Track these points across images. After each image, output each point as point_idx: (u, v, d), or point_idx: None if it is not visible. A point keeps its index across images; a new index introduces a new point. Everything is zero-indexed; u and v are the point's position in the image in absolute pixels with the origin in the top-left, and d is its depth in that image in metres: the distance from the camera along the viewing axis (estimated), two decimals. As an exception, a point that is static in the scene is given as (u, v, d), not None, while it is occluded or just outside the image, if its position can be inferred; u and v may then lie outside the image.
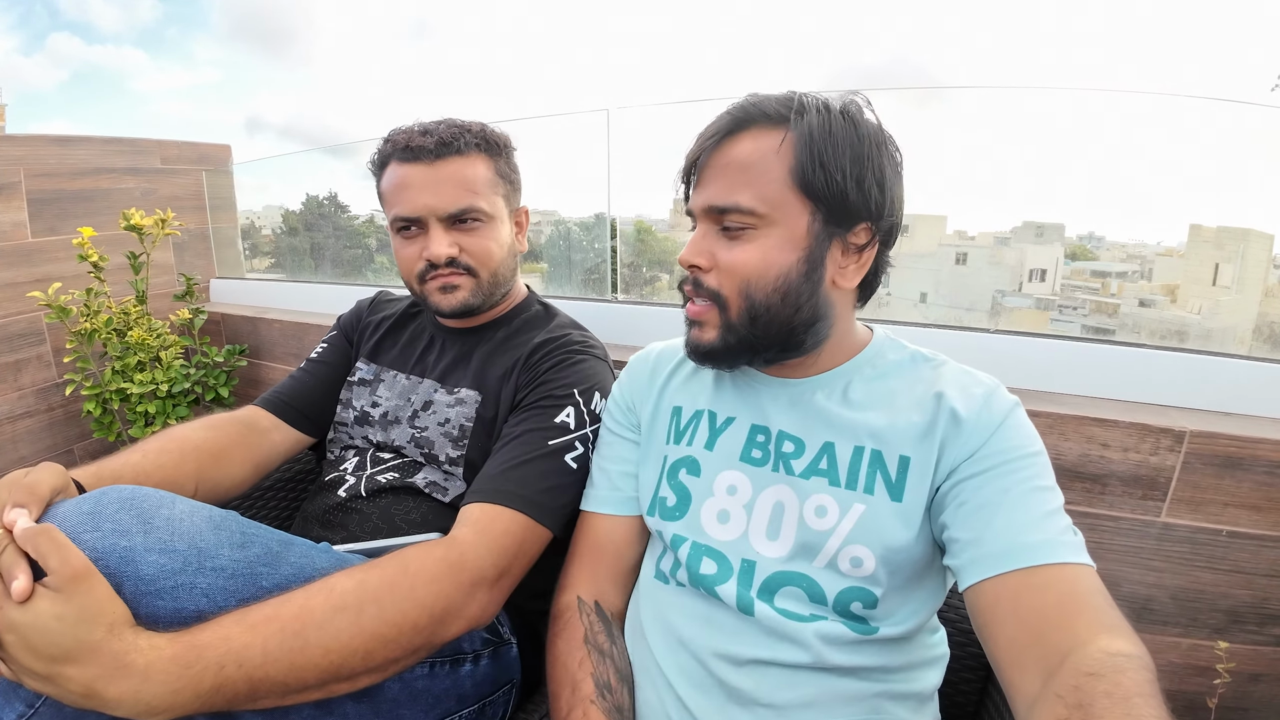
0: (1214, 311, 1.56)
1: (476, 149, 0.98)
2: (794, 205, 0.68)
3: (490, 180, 0.99)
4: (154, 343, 1.86)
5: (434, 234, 0.95)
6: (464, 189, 0.96)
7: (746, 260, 0.69)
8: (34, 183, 1.91)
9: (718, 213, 0.70)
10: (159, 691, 0.54)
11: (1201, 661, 1.15)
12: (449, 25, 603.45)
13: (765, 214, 0.68)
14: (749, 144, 0.68)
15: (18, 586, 0.52)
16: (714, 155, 0.70)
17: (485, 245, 0.98)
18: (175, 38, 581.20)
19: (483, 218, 0.97)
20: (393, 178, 0.97)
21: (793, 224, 0.68)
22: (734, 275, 0.70)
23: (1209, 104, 1.29)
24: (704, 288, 0.72)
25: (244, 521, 0.68)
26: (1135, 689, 0.48)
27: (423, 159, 0.95)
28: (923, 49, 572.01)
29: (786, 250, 0.68)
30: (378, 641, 0.65)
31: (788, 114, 0.67)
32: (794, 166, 0.67)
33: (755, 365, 0.77)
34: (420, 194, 0.95)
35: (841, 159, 0.66)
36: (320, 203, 2.56)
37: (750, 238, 0.69)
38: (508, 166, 1.03)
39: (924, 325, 1.38)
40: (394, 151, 0.97)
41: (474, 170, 0.97)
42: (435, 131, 0.96)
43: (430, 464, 0.98)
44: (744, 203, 0.68)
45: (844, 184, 0.66)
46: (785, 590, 0.70)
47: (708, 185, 0.70)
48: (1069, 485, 1.14)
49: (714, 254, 0.71)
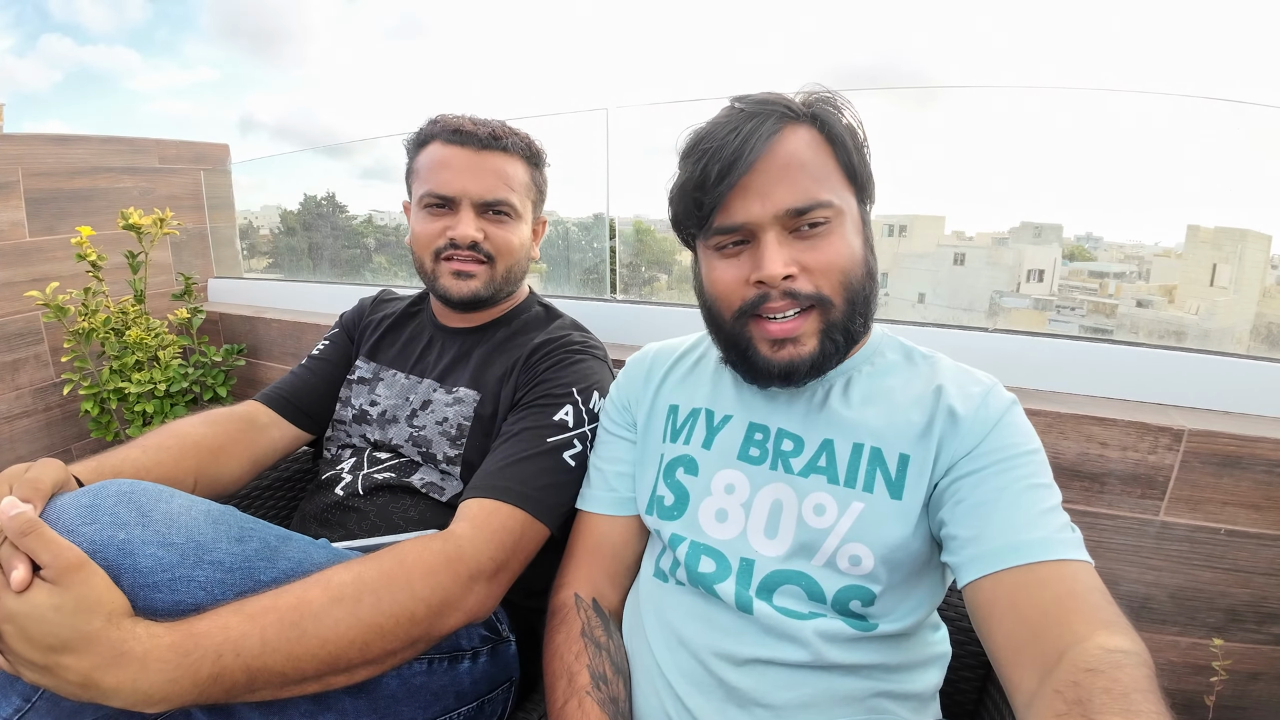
0: (1211, 312, 1.56)
1: (520, 152, 1.02)
2: (848, 192, 0.70)
3: (525, 184, 1.03)
4: (152, 342, 1.86)
5: (464, 216, 0.98)
6: (502, 181, 0.99)
7: (839, 253, 0.68)
8: (32, 182, 1.90)
9: (795, 215, 0.67)
10: (156, 680, 0.54)
11: (1200, 660, 1.15)
12: (444, 24, 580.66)
13: (839, 206, 0.68)
14: (794, 141, 0.68)
15: (16, 577, 0.52)
16: (765, 159, 0.66)
17: (508, 238, 1.01)
18: (166, 38, 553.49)
19: (512, 213, 1.01)
20: (434, 155, 0.99)
21: (851, 210, 0.70)
22: (832, 272, 0.68)
23: (1209, 104, 1.29)
24: (802, 295, 0.68)
25: (242, 516, 0.68)
26: (1134, 685, 0.48)
27: (470, 144, 0.98)
28: (921, 49, 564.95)
29: (856, 236, 0.70)
30: (375, 633, 0.65)
31: (800, 110, 0.69)
32: (837, 156, 0.69)
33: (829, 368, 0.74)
34: (460, 176, 0.97)
35: (861, 146, 0.71)
36: (318, 202, 2.56)
37: (831, 231, 0.68)
38: (541, 178, 1.07)
39: (922, 325, 1.39)
40: (440, 132, 1.00)
41: (514, 169, 1.01)
42: (488, 124, 1.00)
43: (427, 463, 0.98)
44: (824, 197, 0.67)
45: (869, 167, 0.72)
46: (784, 589, 0.70)
47: (771, 189, 0.66)
48: (1068, 484, 1.14)
49: (797, 259, 0.67)
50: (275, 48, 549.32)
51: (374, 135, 2.39)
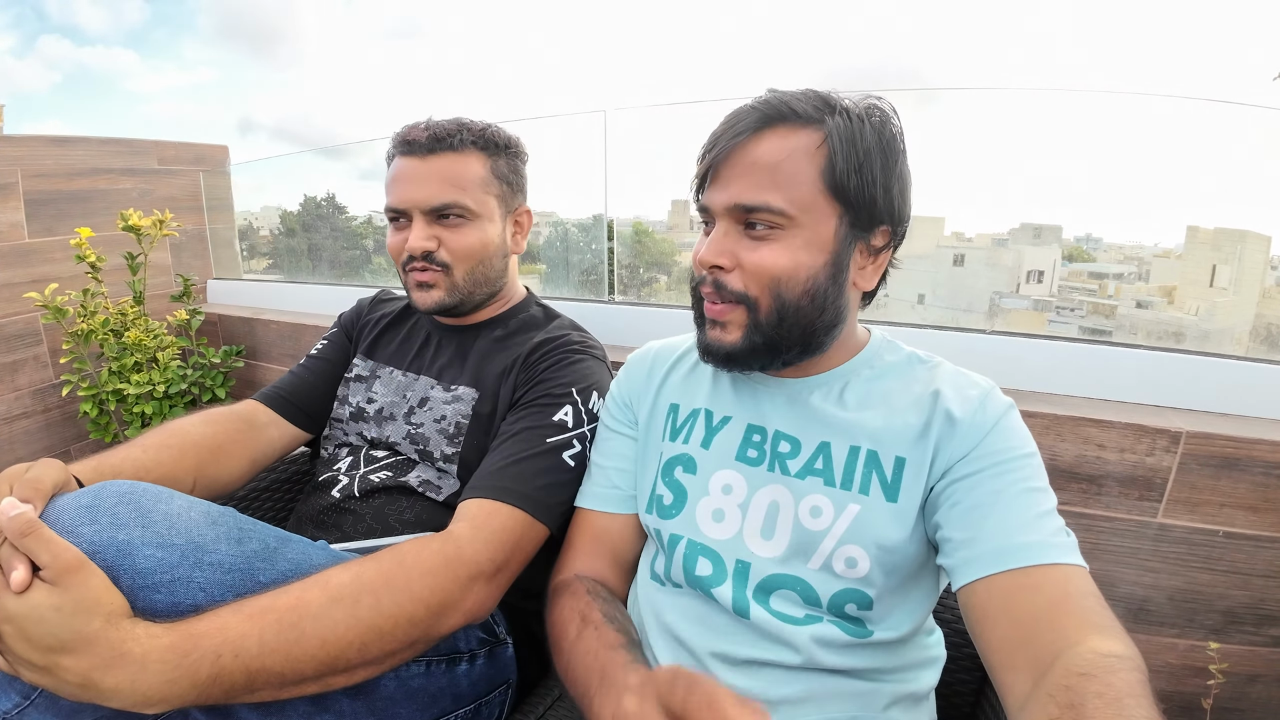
0: (1211, 313, 1.57)
1: (473, 146, 0.99)
2: (823, 208, 0.67)
3: (482, 179, 0.99)
4: (151, 343, 1.86)
5: (415, 226, 0.97)
6: (449, 184, 0.97)
7: (776, 261, 0.67)
8: (31, 183, 1.91)
9: (744, 211, 0.67)
10: (155, 681, 0.54)
11: (1198, 662, 1.15)
12: (442, 26, 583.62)
13: (794, 216, 0.66)
14: (777, 142, 0.67)
15: (16, 577, 0.52)
16: (739, 152, 0.67)
17: (465, 242, 0.98)
18: (164, 39, 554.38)
19: (467, 214, 0.98)
20: (391, 170, 1.00)
21: (820, 227, 0.67)
22: (762, 276, 0.68)
23: (1208, 105, 1.30)
24: (728, 289, 0.69)
25: (241, 518, 0.68)
26: (1127, 690, 0.47)
27: (416, 153, 0.97)
28: (920, 50, 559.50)
29: (814, 252, 0.68)
30: (374, 634, 0.65)
31: (817, 114, 0.66)
32: (826, 170, 0.66)
33: (770, 368, 0.75)
34: (407, 187, 0.97)
35: (874, 165, 0.66)
36: (318, 204, 2.56)
37: (777, 238, 0.67)
38: (507, 167, 1.03)
39: (921, 326, 1.39)
40: (397, 144, 1.00)
41: (465, 167, 0.98)
42: (435, 127, 0.98)
43: (424, 461, 0.98)
44: (774, 203, 0.66)
45: (874, 190, 0.67)
46: (780, 592, 0.70)
47: (732, 182, 0.68)
48: (1065, 486, 1.14)
49: (737, 254, 0.69)
50: (273, 49, 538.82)
51: (372, 137, 2.40)
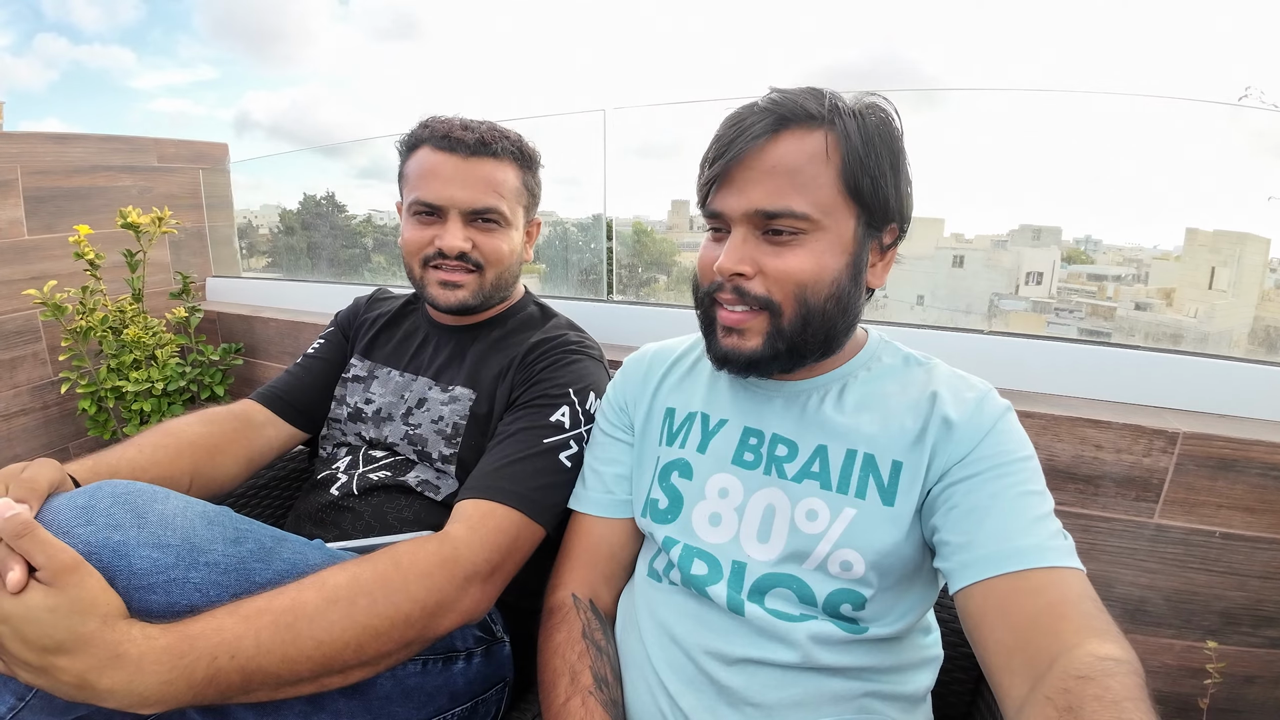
0: (1210, 315, 1.57)
1: (510, 156, 1.00)
2: (842, 210, 0.67)
3: (516, 189, 1.01)
4: (150, 341, 1.86)
5: (451, 225, 0.97)
6: (491, 189, 0.97)
7: (801, 267, 0.67)
8: (30, 180, 1.90)
9: (765, 217, 0.67)
10: (151, 682, 0.54)
11: (1195, 663, 1.15)
12: (440, 24, 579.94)
13: (818, 220, 0.66)
14: (794, 145, 0.66)
15: (12, 578, 0.52)
16: (754, 156, 0.66)
17: (498, 246, 1.00)
18: (160, 38, 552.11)
19: (501, 221, 0.99)
20: (423, 161, 0.98)
21: (841, 229, 0.68)
22: (787, 282, 0.67)
23: (1208, 107, 1.29)
24: (750, 295, 0.68)
25: (237, 517, 0.68)
26: (1125, 693, 0.48)
27: (459, 151, 0.96)
28: (920, 51, 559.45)
29: (836, 255, 0.68)
30: (370, 634, 0.65)
31: (829, 115, 0.66)
32: (843, 172, 0.66)
33: (789, 372, 0.75)
34: (448, 185, 0.96)
35: (883, 164, 0.67)
36: (317, 202, 2.56)
37: (801, 243, 0.67)
38: (533, 180, 1.06)
39: (920, 327, 1.39)
40: (430, 137, 0.98)
41: (504, 175, 0.99)
42: (477, 129, 0.98)
43: (423, 461, 0.98)
44: (798, 208, 0.65)
45: (887, 189, 0.67)
46: (775, 591, 0.70)
47: (749, 187, 0.67)
48: (1062, 487, 1.14)
49: (758, 261, 0.68)
50: (270, 47, 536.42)
51: (370, 136, 2.40)
